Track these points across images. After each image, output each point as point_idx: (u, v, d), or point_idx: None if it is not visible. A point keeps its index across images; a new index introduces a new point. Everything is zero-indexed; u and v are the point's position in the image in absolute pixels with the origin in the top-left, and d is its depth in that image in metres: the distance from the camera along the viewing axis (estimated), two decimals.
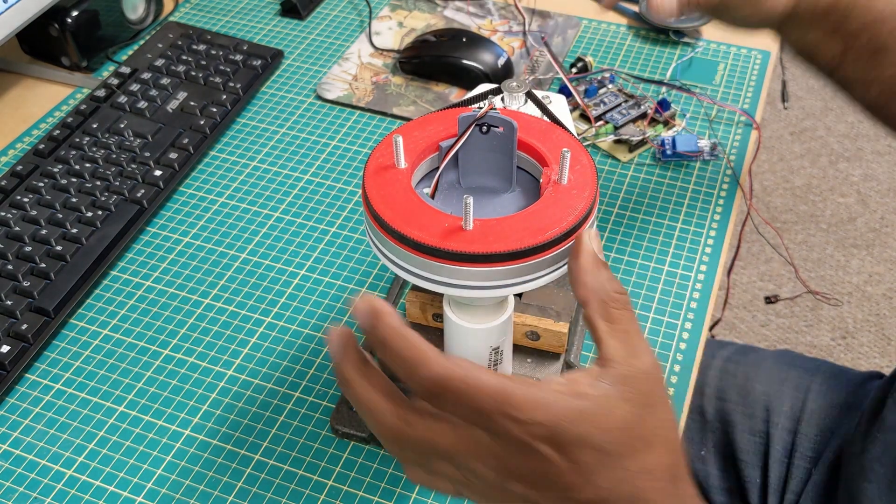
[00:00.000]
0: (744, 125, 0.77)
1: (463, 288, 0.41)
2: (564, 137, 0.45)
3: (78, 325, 0.62)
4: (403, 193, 0.42)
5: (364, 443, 0.55)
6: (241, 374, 0.59)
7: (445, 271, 0.40)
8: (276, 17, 0.92)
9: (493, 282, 0.40)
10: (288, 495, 0.53)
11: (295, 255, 0.67)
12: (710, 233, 0.68)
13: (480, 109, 0.44)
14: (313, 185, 0.73)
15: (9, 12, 0.74)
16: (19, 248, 0.64)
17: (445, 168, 0.45)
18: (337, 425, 0.55)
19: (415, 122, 0.46)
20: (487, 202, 0.45)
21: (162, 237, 0.69)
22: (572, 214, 0.40)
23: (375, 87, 0.82)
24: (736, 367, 0.80)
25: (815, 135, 2.00)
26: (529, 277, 0.41)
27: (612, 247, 0.67)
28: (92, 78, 0.84)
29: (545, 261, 0.40)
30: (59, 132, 0.74)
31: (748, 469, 0.75)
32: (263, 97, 0.82)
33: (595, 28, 0.89)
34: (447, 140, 0.45)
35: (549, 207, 0.41)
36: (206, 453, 0.55)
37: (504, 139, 0.44)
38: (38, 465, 0.54)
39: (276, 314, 0.63)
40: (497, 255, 0.39)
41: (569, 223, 0.40)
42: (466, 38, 0.81)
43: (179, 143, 0.73)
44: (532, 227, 0.40)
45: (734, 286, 1.66)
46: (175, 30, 0.86)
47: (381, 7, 0.92)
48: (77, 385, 0.59)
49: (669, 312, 0.62)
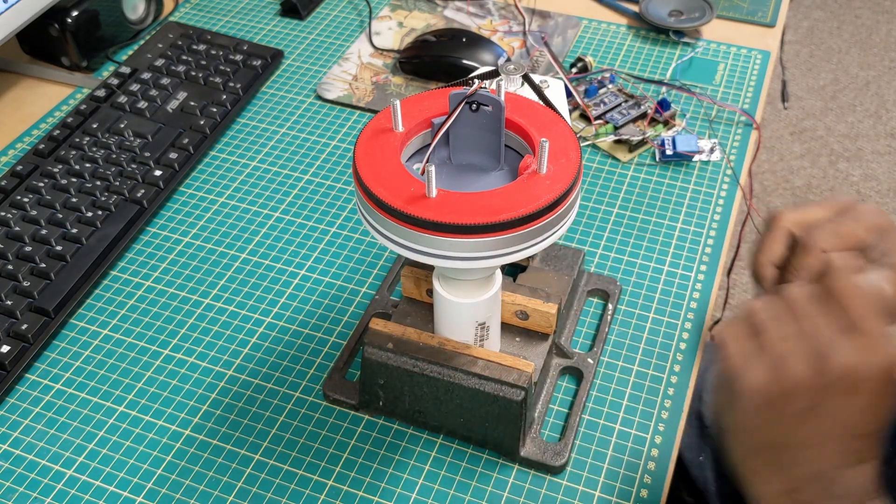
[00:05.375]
0: (744, 125, 0.77)
1: (416, 252, 0.43)
2: (556, 124, 0.45)
3: (78, 325, 0.62)
4: (387, 156, 0.44)
5: (353, 409, 0.56)
6: (241, 374, 0.59)
7: (402, 233, 0.42)
8: (276, 17, 0.92)
9: (442, 251, 0.42)
10: (288, 495, 0.53)
11: (295, 255, 0.67)
12: (710, 233, 0.68)
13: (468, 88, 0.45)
14: (313, 185, 0.73)
15: (9, 12, 0.74)
16: (19, 248, 0.64)
17: (437, 144, 0.46)
18: (328, 391, 0.57)
19: (416, 96, 0.48)
20: (475, 178, 0.47)
21: (162, 237, 0.69)
22: (533, 203, 0.41)
23: (375, 87, 0.82)
24: None
25: (815, 135, 2.00)
26: (476, 255, 0.42)
27: (613, 247, 0.67)
28: (92, 78, 0.84)
29: (493, 241, 0.42)
30: (59, 132, 0.74)
31: None
32: (263, 97, 0.82)
33: (595, 28, 0.89)
34: (439, 117, 0.46)
35: (515, 192, 0.42)
36: (207, 453, 0.55)
37: (492, 118, 0.45)
38: (38, 465, 0.54)
39: (276, 314, 0.63)
40: (446, 225, 0.41)
41: (525, 210, 0.41)
42: (466, 38, 0.81)
43: (179, 143, 0.73)
44: (489, 207, 0.41)
45: (734, 286, 1.66)
46: (175, 30, 0.86)
47: (381, 7, 0.92)
48: (77, 385, 0.59)
49: (669, 312, 0.62)
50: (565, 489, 0.53)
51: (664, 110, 0.76)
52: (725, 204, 0.70)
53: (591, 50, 0.86)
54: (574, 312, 0.61)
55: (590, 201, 0.71)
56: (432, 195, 0.42)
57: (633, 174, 0.73)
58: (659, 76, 0.82)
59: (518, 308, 0.54)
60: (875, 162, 1.93)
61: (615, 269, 0.66)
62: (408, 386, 0.52)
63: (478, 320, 0.51)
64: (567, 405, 0.57)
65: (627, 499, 0.52)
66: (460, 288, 0.49)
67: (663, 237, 0.68)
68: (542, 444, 0.53)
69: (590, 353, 0.59)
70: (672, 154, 0.73)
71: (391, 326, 0.53)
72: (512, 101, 0.47)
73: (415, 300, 0.56)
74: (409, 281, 0.55)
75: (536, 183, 0.42)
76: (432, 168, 0.41)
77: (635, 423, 0.56)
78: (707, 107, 0.79)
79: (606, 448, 0.55)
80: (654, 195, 0.71)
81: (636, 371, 0.59)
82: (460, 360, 0.51)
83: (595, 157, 0.74)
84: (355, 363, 0.59)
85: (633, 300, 0.63)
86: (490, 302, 0.50)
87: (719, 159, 0.74)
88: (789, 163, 1.93)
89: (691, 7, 0.88)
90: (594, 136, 0.75)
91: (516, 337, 0.55)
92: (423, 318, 0.55)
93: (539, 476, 0.53)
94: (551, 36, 0.87)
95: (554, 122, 0.46)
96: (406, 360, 0.51)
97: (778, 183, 1.88)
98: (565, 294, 0.58)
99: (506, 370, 0.50)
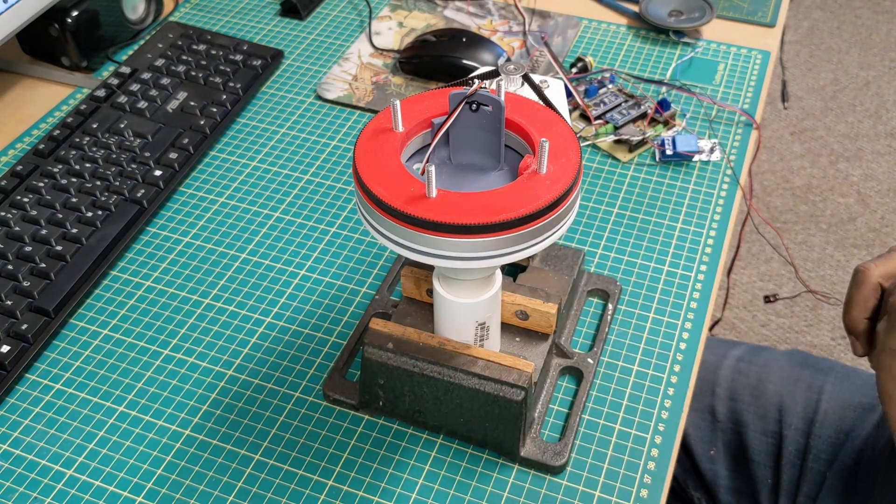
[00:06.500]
0: (744, 125, 0.77)
1: (416, 252, 0.43)
2: (556, 124, 0.45)
3: (78, 325, 0.62)
4: (387, 156, 0.44)
5: (353, 409, 0.56)
6: (241, 374, 0.59)
7: (402, 233, 0.42)
8: (276, 17, 0.92)
9: (442, 251, 0.42)
10: (288, 495, 0.53)
11: (295, 255, 0.67)
12: (710, 233, 0.68)
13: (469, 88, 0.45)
14: (313, 185, 0.73)
15: (9, 12, 0.74)
16: (19, 248, 0.64)
17: (437, 144, 0.46)
18: (328, 391, 0.57)
19: (416, 96, 0.48)
20: (475, 178, 0.47)
21: (162, 237, 0.69)
22: (533, 203, 0.41)
23: (375, 87, 0.82)
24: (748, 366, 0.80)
25: (815, 135, 2.00)
26: (476, 255, 0.42)
27: (613, 247, 0.67)
28: (92, 78, 0.84)
29: (493, 241, 0.42)
30: (59, 132, 0.74)
31: (760, 470, 0.75)
32: (263, 97, 0.82)
33: (595, 28, 0.89)
34: (439, 117, 0.46)
35: (515, 192, 0.42)
36: (207, 453, 0.55)
37: (492, 118, 0.46)
38: (38, 465, 0.54)
39: (276, 314, 0.63)
40: (446, 225, 0.41)
41: (525, 210, 0.41)
42: (466, 38, 0.81)
43: (179, 143, 0.73)
44: (489, 207, 0.41)
45: (734, 286, 1.66)
46: (175, 30, 0.86)
47: (381, 7, 0.92)
48: (77, 385, 0.59)
49: (669, 312, 0.62)
50: (565, 489, 0.53)
51: (664, 110, 0.76)
52: (725, 204, 0.70)
53: (591, 50, 0.86)
54: (574, 312, 0.61)
55: (590, 201, 0.71)
56: (432, 195, 0.42)
57: (633, 174, 0.73)
58: (659, 76, 0.82)
59: (518, 308, 0.54)
60: (875, 162, 1.93)
61: (615, 269, 0.66)
62: (408, 386, 0.52)
63: (478, 320, 0.51)
64: (567, 405, 0.57)
65: (627, 499, 0.52)
66: (460, 288, 0.49)
67: (663, 237, 0.68)
68: (542, 444, 0.53)
69: (590, 353, 0.59)
70: (672, 154, 0.73)
71: (391, 326, 0.53)
72: (512, 101, 0.47)
73: (415, 300, 0.56)
74: (409, 281, 0.55)
75: (536, 183, 0.42)
76: (432, 168, 0.41)
77: (635, 423, 0.56)
78: (707, 107, 0.79)
79: (606, 448, 0.55)
80: (654, 195, 0.71)
81: (636, 371, 0.59)
82: (460, 360, 0.51)
83: (595, 157, 0.74)
84: (355, 363, 0.59)
85: (633, 300, 0.63)
86: (490, 302, 0.50)
87: (719, 159, 0.74)
88: (789, 163, 1.93)
89: (691, 7, 0.88)
90: (594, 136, 0.75)
91: (516, 337, 0.55)
92: (423, 318, 0.55)
93: (539, 476, 0.53)
94: (551, 36, 0.87)
95: (554, 122, 0.46)
96: (406, 360, 0.51)
97: (778, 183, 1.88)
98: (565, 294, 0.58)
99: (506, 370, 0.50)
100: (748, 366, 0.80)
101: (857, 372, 0.79)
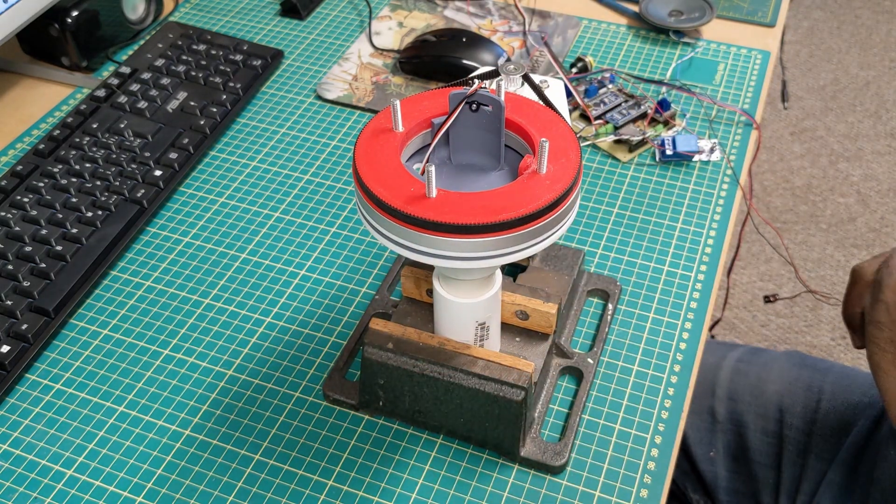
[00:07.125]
0: (744, 125, 0.77)
1: (416, 252, 0.43)
2: (556, 124, 0.46)
3: (78, 325, 0.62)
4: (387, 156, 0.44)
5: (353, 409, 0.56)
6: (241, 374, 0.59)
7: (402, 233, 0.42)
8: (276, 17, 0.92)
9: (442, 251, 0.42)
10: (288, 495, 0.53)
11: (295, 255, 0.67)
12: (709, 233, 0.68)
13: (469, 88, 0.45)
14: (313, 185, 0.73)
15: (9, 12, 0.74)
16: (19, 248, 0.64)
17: (437, 144, 0.46)
18: (328, 391, 0.57)
19: (416, 96, 0.48)
20: (475, 178, 0.47)
21: (162, 237, 0.69)
22: (533, 203, 0.42)
23: (375, 87, 0.82)
24: (748, 367, 0.80)
25: (815, 135, 2.00)
26: (476, 255, 0.42)
27: (613, 247, 0.67)
28: (92, 78, 0.84)
29: (493, 241, 0.42)
30: (59, 132, 0.74)
31: (761, 470, 0.75)
32: (263, 97, 0.82)
33: (595, 28, 0.89)
34: (439, 117, 0.46)
35: (515, 192, 0.42)
36: (207, 453, 0.55)
37: (492, 118, 0.46)
38: (38, 465, 0.54)
39: (276, 314, 0.63)
40: (446, 225, 0.41)
41: (525, 210, 0.41)
42: (466, 38, 0.81)
43: (179, 143, 0.73)
44: (489, 207, 0.41)
45: (734, 286, 1.66)
46: (175, 30, 0.86)
47: (381, 7, 0.92)
48: (77, 385, 0.59)
49: (669, 312, 0.62)
50: (565, 489, 0.53)
51: (664, 110, 0.76)
52: (725, 204, 0.70)
53: (591, 50, 0.86)
54: (574, 312, 0.61)
55: (590, 201, 0.71)
56: (432, 195, 0.42)
57: (633, 174, 0.73)
58: (659, 76, 0.82)
59: (518, 308, 0.54)
60: (875, 162, 1.93)
61: (615, 269, 0.66)
62: (408, 386, 0.52)
63: (478, 320, 0.51)
64: (567, 405, 0.57)
65: (627, 499, 0.52)
66: (460, 288, 0.49)
67: (663, 237, 0.68)
68: (542, 444, 0.53)
69: (590, 353, 0.59)
70: (672, 154, 0.73)
71: (391, 326, 0.53)
72: (512, 101, 0.47)
73: (415, 300, 0.56)
74: (409, 281, 0.55)
75: (536, 183, 0.42)
76: (432, 168, 0.41)
77: (635, 423, 0.56)
78: (707, 107, 0.79)
79: (606, 448, 0.55)
80: (654, 195, 0.71)
81: (636, 371, 0.59)
82: (460, 360, 0.51)
83: (595, 157, 0.74)
84: (355, 363, 0.59)
85: (633, 300, 0.63)
86: (490, 302, 0.50)
87: (719, 159, 0.74)
88: (789, 163, 1.93)
89: (691, 7, 0.88)
90: (594, 136, 0.75)
91: (516, 337, 0.55)
92: (423, 318, 0.55)
93: (539, 476, 0.53)
94: (551, 36, 0.87)
95: (554, 122, 0.46)
96: (406, 360, 0.51)
97: (778, 183, 1.88)
98: (565, 294, 0.58)
99: (506, 370, 0.50)
100: (748, 366, 0.80)
101: (857, 371, 0.79)
